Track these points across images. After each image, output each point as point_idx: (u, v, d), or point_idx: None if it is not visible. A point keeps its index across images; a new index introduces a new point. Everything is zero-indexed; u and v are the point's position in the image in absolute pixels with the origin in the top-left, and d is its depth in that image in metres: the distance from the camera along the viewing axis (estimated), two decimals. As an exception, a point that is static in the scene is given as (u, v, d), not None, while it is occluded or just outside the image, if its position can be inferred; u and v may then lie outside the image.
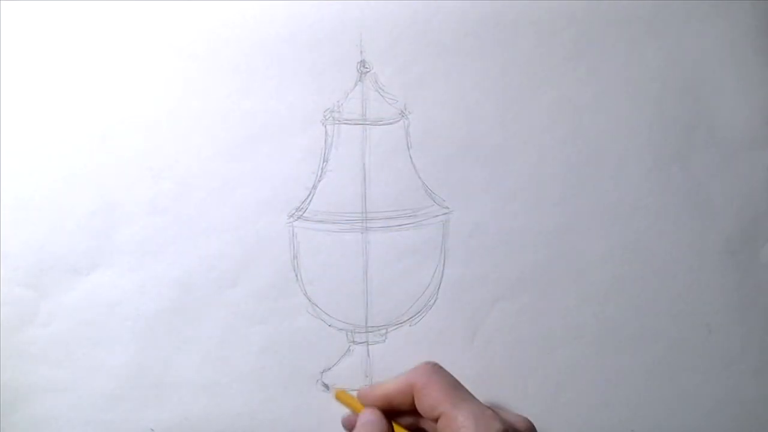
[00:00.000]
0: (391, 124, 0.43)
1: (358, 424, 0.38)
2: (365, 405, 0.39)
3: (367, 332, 0.44)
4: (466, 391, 0.37)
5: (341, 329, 0.44)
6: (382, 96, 0.43)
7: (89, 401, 0.44)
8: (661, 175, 0.43)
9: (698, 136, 0.43)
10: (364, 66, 0.43)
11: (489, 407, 0.36)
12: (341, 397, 0.41)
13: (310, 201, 0.43)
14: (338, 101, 0.43)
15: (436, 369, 0.37)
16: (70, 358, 0.44)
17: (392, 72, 0.43)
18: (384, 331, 0.44)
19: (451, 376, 0.37)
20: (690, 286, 0.44)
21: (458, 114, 0.43)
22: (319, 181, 0.43)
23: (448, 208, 0.43)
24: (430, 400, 0.36)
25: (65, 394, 0.44)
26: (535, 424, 0.36)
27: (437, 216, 0.44)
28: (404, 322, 0.44)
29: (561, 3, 0.42)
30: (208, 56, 0.43)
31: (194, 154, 0.43)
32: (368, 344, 0.44)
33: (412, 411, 0.38)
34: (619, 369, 0.44)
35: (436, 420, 0.36)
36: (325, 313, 0.44)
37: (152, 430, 0.44)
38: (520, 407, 0.43)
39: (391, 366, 0.44)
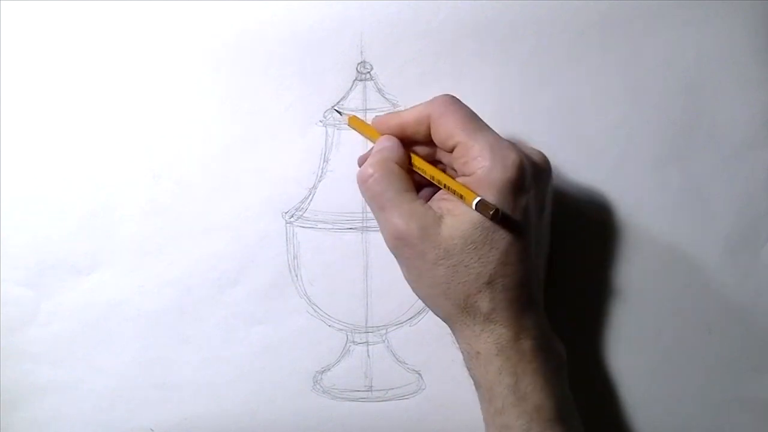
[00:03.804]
0: (391, 124, 0.43)
1: (375, 149, 0.37)
2: (380, 132, 0.38)
3: (366, 332, 0.44)
4: (483, 122, 0.36)
5: (341, 329, 0.44)
6: (383, 96, 0.43)
7: (89, 401, 0.44)
8: (661, 175, 0.43)
9: (698, 136, 0.43)
10: (364, 66, 0.43)
11: (506, 139, 0.35)
12: (354, 122, 0.40)
13: (311, 201, 0.43)
14: (339, 102, 0.43)
15: (454, 100, 0.36)
16: (70, 358, 0.44)
17: (392, 72, 0.43)
18: (384, 331, 0.44)
19: (469, 108, 0.36)
20: (690, 286, 0.44)
21: (458, 114, 0.43)
22: (320, 181, 0.43)
23: (448, 208, 0.43)
24: (447, 129, 0.35)
25: (65, 394, 0.44)
26: None
27: (437, 216, 0.44)
28: (404, 322, 0.44)
29: (561, 3, 0.42)
30: (208, 56, 0.43)
31: (194, 154, 0.43)
32: (368, 344, 0.44)
33: (428, 142, 0.37)
34: (619, 369, 0.44)
35: (451, 150, 0.35)
36: (325, 314, 0.44)
37: (152, 430, 0.44)
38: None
39: (391, 366, 0.44)
